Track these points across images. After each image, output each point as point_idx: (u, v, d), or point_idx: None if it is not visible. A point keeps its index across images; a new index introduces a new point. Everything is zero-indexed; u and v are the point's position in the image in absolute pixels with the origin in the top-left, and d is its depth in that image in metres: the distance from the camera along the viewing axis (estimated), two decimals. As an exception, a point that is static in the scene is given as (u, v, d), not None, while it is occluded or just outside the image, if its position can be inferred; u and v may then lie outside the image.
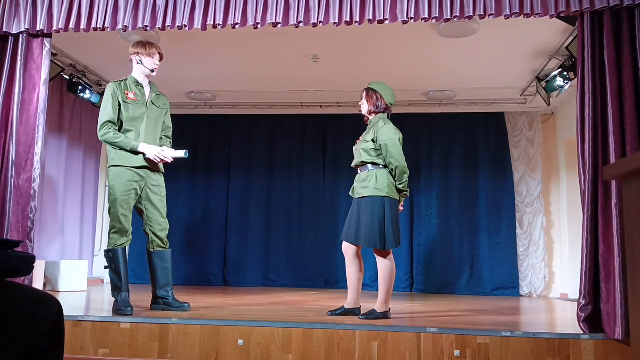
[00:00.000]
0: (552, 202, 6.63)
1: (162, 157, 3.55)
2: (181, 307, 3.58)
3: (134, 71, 3.68)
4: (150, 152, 3.52)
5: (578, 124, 3.19)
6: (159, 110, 3.71)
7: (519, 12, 3.25)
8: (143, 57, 3.62)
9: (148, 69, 3.64)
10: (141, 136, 3.57)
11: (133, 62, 3.66)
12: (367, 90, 3.70)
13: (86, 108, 6.35)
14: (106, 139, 3.50)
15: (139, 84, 3.65)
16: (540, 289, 6.40)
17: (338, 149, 6.96)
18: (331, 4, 3.39)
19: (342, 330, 3.04)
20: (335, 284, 6.70)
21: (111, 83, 3.60)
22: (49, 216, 5.78)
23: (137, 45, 3.66)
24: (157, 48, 3.67)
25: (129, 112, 3.55)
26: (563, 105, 6.30)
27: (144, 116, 3.60)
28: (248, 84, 6.06)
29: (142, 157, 3.54)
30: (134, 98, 3.58)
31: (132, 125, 3.56)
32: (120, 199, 3.48)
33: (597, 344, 2.90)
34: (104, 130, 3.49)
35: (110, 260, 3.49)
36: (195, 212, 6.98)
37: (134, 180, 3.52)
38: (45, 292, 1.46)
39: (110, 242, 3.52)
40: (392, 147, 3.49)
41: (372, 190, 3.49)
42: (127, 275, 3.53)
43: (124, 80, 3.63)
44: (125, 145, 3.49)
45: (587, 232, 3.06)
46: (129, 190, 3.51)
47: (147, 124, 3.61)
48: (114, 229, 3.52)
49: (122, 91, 3.56)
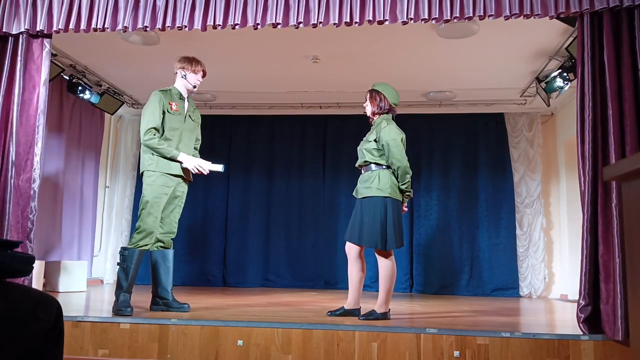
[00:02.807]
0: (552, 203, 6.64)
1: (200, 168, 3.65)
2: (181, 308, 3.60)
3: (177, 83, 3.79)
4: (190, 163, 3.64)
5: (578, 125, 3.19)
6: (194, 123, 3.84)
7: (518, 13, 3.25)
8: (188, 73, 3.75)
9: (191, 84, 3.77)
10: (180, 146, 3.68)
11: (177, 75, 3.79)
12: (370, 92, 3.71)
13: (86, 108, 6.35)
14: (150, 144, 3.56)
15: (181, 97, 3.76)
16: (540, 289, 6.40)
17: (338, 150, 6.97)
18: (331, 5, 3.39)
19: (342, 331, 3.04)
20: (335, 285, 6.70)
21: (158, 91, 3.69)
22: (48, 216, 5.78)
23: (184, 60, 3.77)
24: (202, 66, 3.80)
25: (170, 122, 3.65)
26: (563, 106, 6.31)
27: (182, 127, 3.72)
28: (248, 84, 6.06)
29: (179, 166, 3.64)
30: (176, 109, 3.69)
31: (172, 135, 3.66)
32: (152, 202, 3.55)
33: (597, 344, 2.90)
34: (149, 136, 3.56)
35: (124, 259, 3.51)
36: (195, 213, 6.98)
37: (167, 186, 3.62)
38: (44, 292, 1.46)
39: (132, 240, 3.54)
40: (394, 147, 3.50)
41: (375, 191, 3.49)
42: (134, 278, 3.55)
43: (169, 90, 3.74)
44: (167, 152, 3.58)
45: (586, 233, 3.06)
46: (161, 194, 3.59)
47: (184, 135, 3.73)
48: (139, 229, 3.54)
49: (167, 101, 3.66)
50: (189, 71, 3.75)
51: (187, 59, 3.79)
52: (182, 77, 3.76)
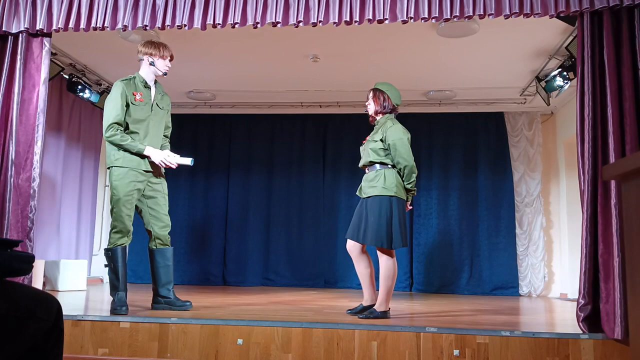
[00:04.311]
0: (552, 202, 6.64)
1: (167, 162, 3.53)
2: (183, 307, 3.57)
3: (142, 70, 3.63)
4: (157, 156, 3.50)
5: (578, 124, 3.19)
6: (162, 111, 3.68)
7: (518, 12, 3.25)
8: (156, 59, 3.59)
9: (161, 71, 3.61)
10: (146, 138, 3.54)
11: (143, 62, 3.60)
12: (373, 91, 3.70)
13: (85, 107, 6.34)
14: (113, 140, 3.44)
15: (146, 85, 3.61)
16: (540, 288, 6.40)
17: (338, 149, 6.97)
18: (331, 4, 3.39)
19: (342, 329, 3.04)
20: (335, 284, 6.70)
21: (119, 82, 3.52)
22: (48, 215, 5.78)
23: (150, 45, 3.60)
24: (169, 50, 3.63)
25: (135, 114, 3.50)
26: (563, 105, 6.30)
27: (148, 118, 3.57)
28: (248, 83, 6.06)
29: (147, 161, 3.51)
30: (140, 100, 3.53)
31: (137, 127, 3.52)
32: (123, 199, 3.45)
33: (597, 343, 2.90)
34: (111, 132, 3.43)
35: (109, 259, 3.47)
36: (194, 212, 6.98)
37: (137, 181, 3.50)
38: (44, 291, 1.46)
39: (111, 241, 3.49)
40: (400, 146, 3.50)
41: (380, 190, 3.49)
42: (125, 275, 3.50)
43: (132, 79, 3.58)
44: (131, 148, 3.44)
45: (586, 232, 3.06)
46: (132, 190, 3.48)
47: (152, 126, 3.58)
48: (115, 228, 3.49)
49: (130, 92, 3.50)
50: (157, 57, 3.58)
51: (153, 43, 3.61)
52: (149, 63, 3.58)
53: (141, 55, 3.62)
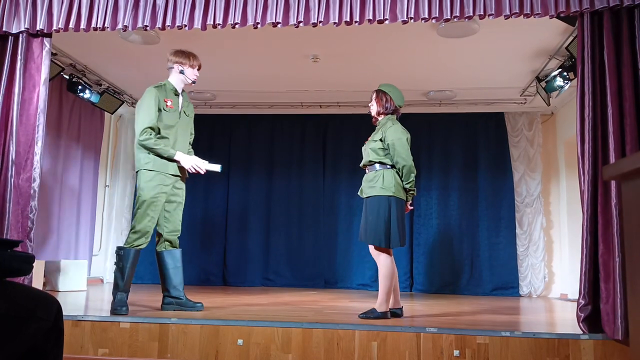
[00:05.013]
0: (552, 202, 6.63)
1: (197, 168, 3.61)
2: (194, 307, 3.61)
3: (172, 78, 3.71)
4: (187, 162, 3.59)
5: (578, 124, 3.19)
6: (188, 118, 3.78)
7: (518, 12, 3.25)
8: (185, 68, 3.67)
9: (189, 79, 3.69)
10: (176, 144, 3.62)
11: (173, 70, 3.69)
12: (377, 92, 3.73)
13: (85, 108, 6.34)
14: (146, 144, 3.50)
15: (176, 92, 3.69)
16: (540, 289, 6.40)
17: (338, 149, 6.97)
18: (331, 4, 3.39)
19: (342, 330, 3.04)
20: (335, 284, 6.70)
21: (152, 88, 3.60)
22: (48, 216, 5.78)
23: (180, 54, 3.69)
24: (198, 59, 3.73)
25: (166, 120, 3.59)
26: (563, 105, 6.30)
27: (177, 125, 3.65)
28: (248, 83, 6.06)
29: (175, 165, 3.59)
30: (170, 106, 3.62)
31: (168, 133, 3.60)
32: (149, 201, 3.51)
33: (597, 344, 2.90)
34: (146, 135, 3.49)
35: (120, 258, 3.50)
36: (195, 212, 6.98)
37: (164, 184, 3.57)
38: (44, 291, 1.46)
39: (128, 240, 3.52)
40: (399, 146, 3.53)
41: (379, 190, 3.51)
42: (131, 277, 3.53)
43: (163, 86, 3.65)
44: (163, 152, 3.52)
45: (586, 232, 3.06)
46: (159, 194, 3.55)
47: (179, 132, 3.67)
48: (134, 229, 3.51)
49: (162, 98, 3.59)
50: (187, 66, 3.67)
51: (184, 53, 3.70)
52: (179, 72, 3.67)
53: (171, 63, 3.70)
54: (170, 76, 3.71)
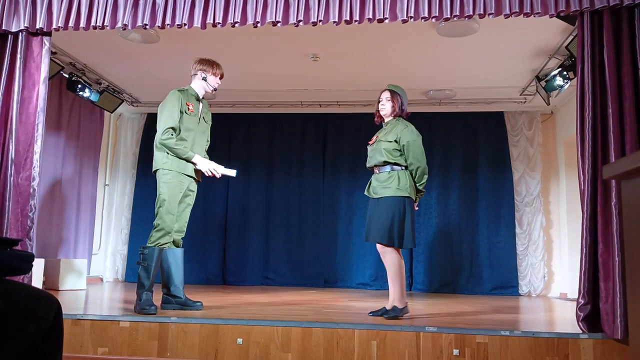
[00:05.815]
0: (552, 202, 6.64)
1: (213, 171, 3.67)
2: (194, 306, 3.64)
3: (194, 84, 3.80)
4: (204, 165, 3.66)
5: (577, 124, 3.19)
6: (206, 125, 3.87)
7: (518, 12, 3.25)
8: (208, 75, 3.78)
9: (211, 86, 3.80)
10: (194, 147, 3.69)
11: (196, 77, 3.79)
12: (392, 92, 3.72)
13: (85, 106, 6.34)
14: (167, 144, 3.56)
15: (197, 98, 3.78)
16: (540, 288, 6.40)
17: (338, 149, 6.97)
18: (331, 3, 3.39)
19: (342, 329, 3.04)
20: (335, 283, 6.70)
21: (176, 91, 3.68)
22: (48, 214, 5.77)
23: (204, 62, 3.79)
24: (221, 68, 3.84)
25: (186, 123, 3.66)
26: (563, 104, 6.30)
27: (196, 129, 3.73)
28: (247, 82, 6.05)
29: (192, 167, 3.66)
30: (192, 110, 3.70)
31: (187, 135, 3.67)
32: (169, 200, 3.57)
33: (596, 343, 2.90)
34: (167, 135, 3.56)
35: (145, 257, 3.52)
36: (194, 211, 6.85)
37: (182, 184, 3.64)
38: (44, 290, 1.46)
39: (152, 239, 3.55)
40: (415, 147, 3.57)
41: (395, 191, 3.53)
42: (155, 276, 3.55)
43: (186, 90, 3.74)
44: (182, 153, 3.59)
45: (586, 232, 3.06)
46: (178, 193, 3.62)
47: (197, 137, 3.74)
48: (158, 227, 3.56)
49: (185, 101, 3.66)
50: (210, 74, 3.77)
51: (208, 61, 3.80)
52: (202, 79, 3.77)
53: (195, 70, 3.80)
54: (193, 82, 3.81)
